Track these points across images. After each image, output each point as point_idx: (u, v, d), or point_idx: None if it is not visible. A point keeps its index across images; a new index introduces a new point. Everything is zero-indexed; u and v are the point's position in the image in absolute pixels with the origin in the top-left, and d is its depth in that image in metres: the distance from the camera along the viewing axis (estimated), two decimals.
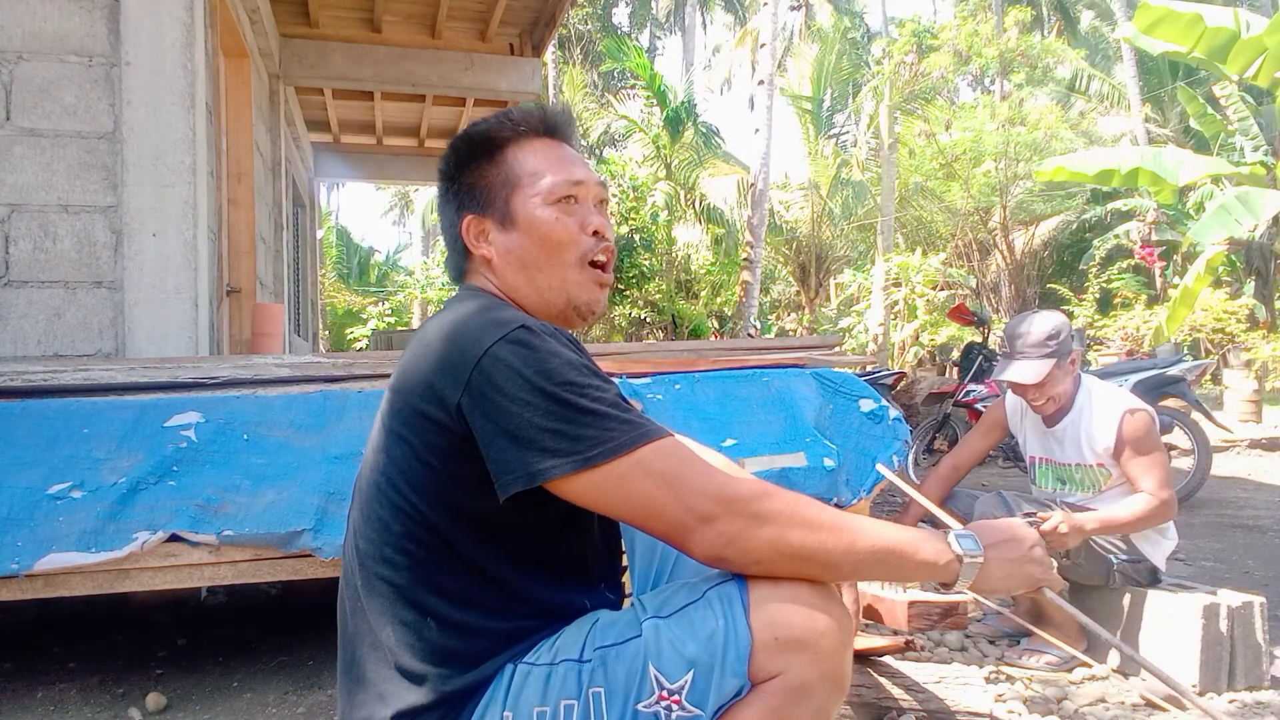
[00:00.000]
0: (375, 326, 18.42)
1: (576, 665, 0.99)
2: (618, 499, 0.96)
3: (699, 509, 0.95)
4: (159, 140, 3.19)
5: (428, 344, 1.02)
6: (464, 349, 0.98)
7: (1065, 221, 16.33)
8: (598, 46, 22.27)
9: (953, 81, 15.96)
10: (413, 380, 1.01)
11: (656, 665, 0.97)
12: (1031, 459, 2.64)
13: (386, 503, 1.04)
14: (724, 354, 3.04)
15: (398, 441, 1.03)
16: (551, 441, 0.94)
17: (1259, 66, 6.13)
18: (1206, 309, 10.69)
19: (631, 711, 0.97)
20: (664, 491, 0.95)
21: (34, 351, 3.12)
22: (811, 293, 18.29)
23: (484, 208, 1.13)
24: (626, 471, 0.95)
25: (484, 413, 0.95)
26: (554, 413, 0.94)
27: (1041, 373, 2.39)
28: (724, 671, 0.96)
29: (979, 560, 1.04)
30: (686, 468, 0.96)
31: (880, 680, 2.05)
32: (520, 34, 6.85)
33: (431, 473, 1.01)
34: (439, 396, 0.98)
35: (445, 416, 0.98)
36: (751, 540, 0.95)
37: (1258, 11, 12.53)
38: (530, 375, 0.95)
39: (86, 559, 2.01)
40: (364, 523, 1.07)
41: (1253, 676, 2.17)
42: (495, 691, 1.00)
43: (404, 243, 37.07)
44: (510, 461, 0.95)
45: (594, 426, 0.94)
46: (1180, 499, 4.78)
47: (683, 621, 0.99)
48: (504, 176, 1.13)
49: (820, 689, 0.97)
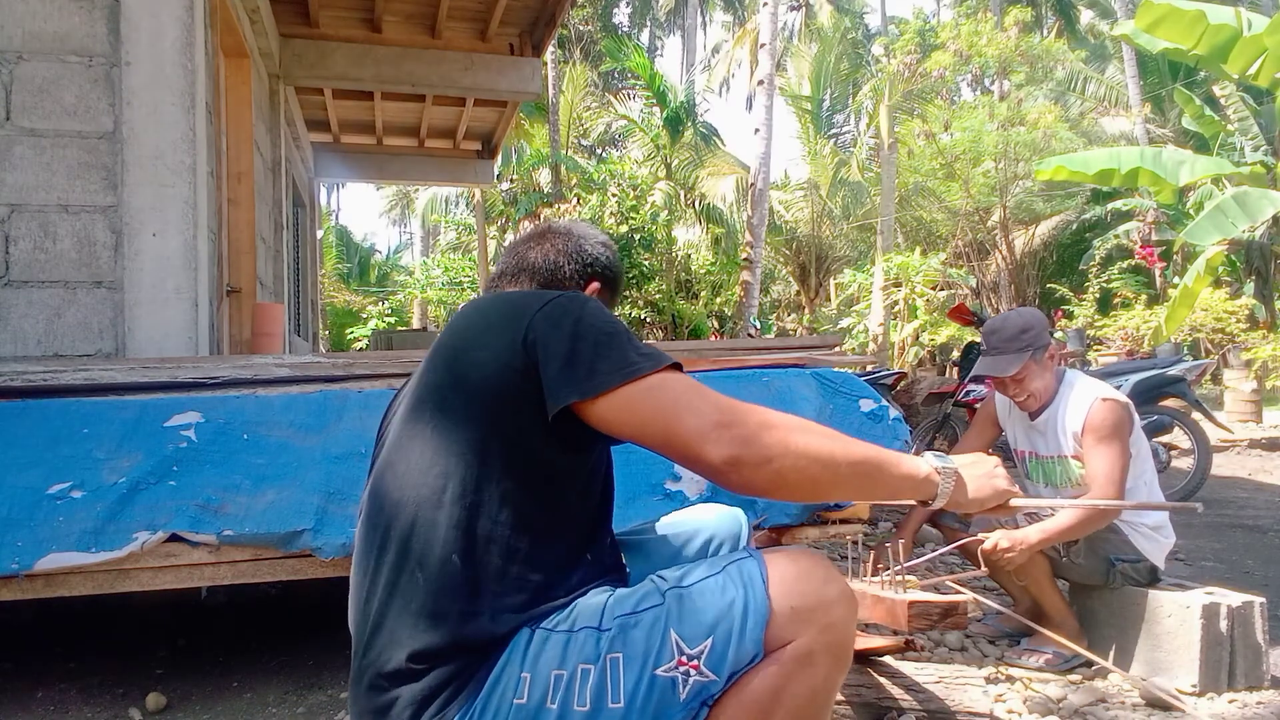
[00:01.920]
0: (375, 326, 18.42)
1: (595, 632, 1.05)
2: (646, 411, 1.07)
3: (715, 417, 1.05)
4: (159, 140, 3.19)
5: (487, 309, 1.20)
6: (535, 296, 1.17)
7: (1065, 221, 16.34)
8: (598, 46, 22.27)
9: (953, 81, 15.94)
10: (475, 331, 1.17)
11: (678, 631, 1.04)
12: (1019, 454, 2.67)
13: (443, 435, 1.12)
14: (724, 354, 3.04)
15: (452, 388, 1.14)
16: (600, 364, 1.08)
17: (1259, 66, 6.12)
18: (1206, 309, 10.69)
19: (650, 676, 1.03)
20: (685, 402, 1.06)
21: (34, 351, 3.12)
22: (811, 293, 18.30)
23: (604, 294, 1.43)
24: (655, 384, 1.07)
25: (544, 344, 1.10)
26: (601, 343, 1.10)
27: (1016, 366, 2.45)
28: (742, 639, 1.03)
29: (952, 471, 1.17)
30: (701, 387, 1.10)
31: (880, 680, 2.05)
32: (520, 34, 6.85)
33: (489, 404, 1.11)
34: (509, 338, 1.12)
35: (509, 354, 1.11)
36: (762, 440, 1.05)
37: (1258, 11, 12.51)
38: (583, 316, 1.12)
39: (86, 559, 2.01)
40: (410, 458, 1.14)
41: (1253, 676, 2.17)
42: (513, 654, 1.05)
43: (404, 242, 37.11)
44: (565, 378, 1.08)
45: (631, 353, 1.09)
46: (1180, 499, 4.81)
47: (704, 591, 1.07)
48: (612, 301, 1.47)
49: (824, 660, 1.05)
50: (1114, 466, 2.29)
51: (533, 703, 1.02)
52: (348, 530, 2.15)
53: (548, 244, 1.41)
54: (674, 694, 1.03)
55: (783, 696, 1.04)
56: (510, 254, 1.44)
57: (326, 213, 28.22)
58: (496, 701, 1.03)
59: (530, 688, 1.03)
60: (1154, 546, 2.38)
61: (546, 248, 1.41)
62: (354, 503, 2.22)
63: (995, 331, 2.54)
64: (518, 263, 1.41)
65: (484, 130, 9.03)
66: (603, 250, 1.45)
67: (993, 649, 2.53)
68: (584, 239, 1.43)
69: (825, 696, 1.08)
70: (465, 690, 1.04)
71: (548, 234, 1.44)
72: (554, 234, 1.44)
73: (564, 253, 1.40)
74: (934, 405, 6.64)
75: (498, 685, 1.03)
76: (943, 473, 1.17)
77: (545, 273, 1.39)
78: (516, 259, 1.42)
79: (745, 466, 1.04)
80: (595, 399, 1.07)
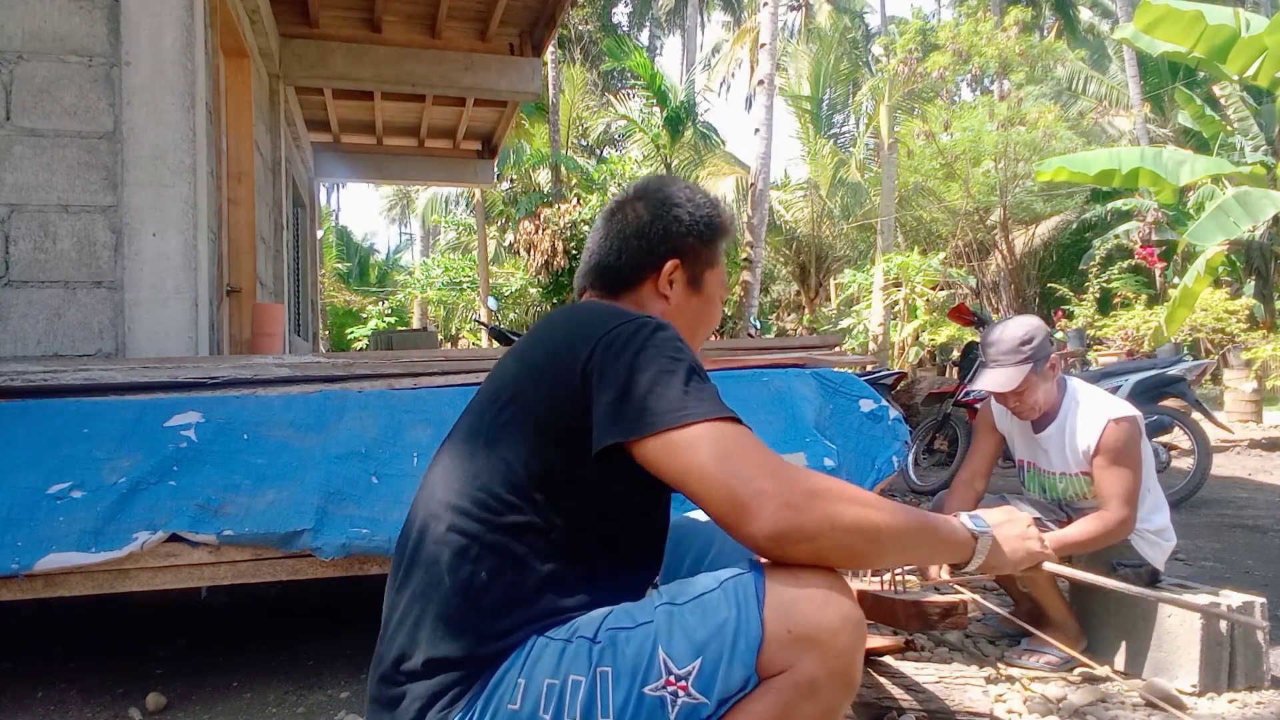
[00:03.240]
0: (375, 326, 18.43)
1: (589, 644, 1.03)
2: (688, 462, 1.01)
3: (759, 484, 0.99)
4: (159, 140, 3.19)
5: (555, 327, 1.19)
6: (597, 324, 1.13)
7: (1065, 221, 16.33)
8: (598, 46, 22.26)
9: (953, 81, 15.94)
10: (541, 354, 1.16)
11: (666, 649, 1.00)
12: (1019, 462, 2.61)
13: (490, 458, 1.11)
14: (724, 354, 3.04)
15: (515, 404, 1.13)
16: (653, 402, 1.04)
17: (1259, 66, 6.12)
18: (1206, 309, 10.68)
19: (638, 694, 0.99)
20: (730, 465, 1.00)
21: (34, 351, 3.12)
22: (811, 293, 18.29)
23: (688, 264, 1.33)
24: (703, 435, 1.02)
25: (600, 374, 1.07)
26: (659, 380, 1.05)
27: (1016, 379, 2.33)
28: (732, 661, 0.98)
29: (989, 535, 1.17)
30: (757, 445, 1.04)
31: (880, 680, 2.05)
32: (520, 34, 6.85)
33: (542, 429, 1.10)
34: (568, 363, 1.10)
35: (569, 377, 1.09)
36: (808, 514, 0.99)
37: (1258, 11, 12.52)
38: (645, 348, 1.08)
39: (86, 559, 2.01)
40: (456, 477, 1.13)
41: (1253, 676, 2.17)
42: (517, 659, 1.04)
43: (404, 242, 37.11)
44: (614, 415, 1.05)
45: (690, 397, 1.05)
46: (1180, 499, 4.80)
47: (696, 609, 1.02)
48: (711, 257, 1.36)
49: (829, 687, 0.99)
50: (1128, 487, 2.25)
51: (526, 710, 1.01)
52: (347, 530, 2.15)
53: (614, 234, 1.32)
54: (663, 714, 0.99)
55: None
56: (590, 242, 1.37)
57: (326, 213, 28.21)
58: (495, 705, 1.02)
59: (524, 695, 1.01)
60: (1156, 551, 2.38)
61: (614, 239, 1.32)
62: (354, 503, 2.22)
63: (994, 343, 2.42)
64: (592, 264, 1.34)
65: (484, 130, 9.03)
66: (679, 215, 1.32)
67: (993, 649, 2.52)
68: (658, 211, 1.32)
69: None
70: (470, 692, 1.04)
71: (613, 218, 1.35)
72: (620, 215, 1.34)
73: (627, 245, 1.31)
74: (934, 405, 6.65)
75: (497, 689, 1.03)
76: (980, 536, 1.17)
77: (611, 275, 1.32)
78: (589, 257, 1.35)
79: (787, 543, 1.00)
80: (641, 440, 1.04)
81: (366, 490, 2.25)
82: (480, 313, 18.46)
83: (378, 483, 2.27)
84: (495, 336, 6.48)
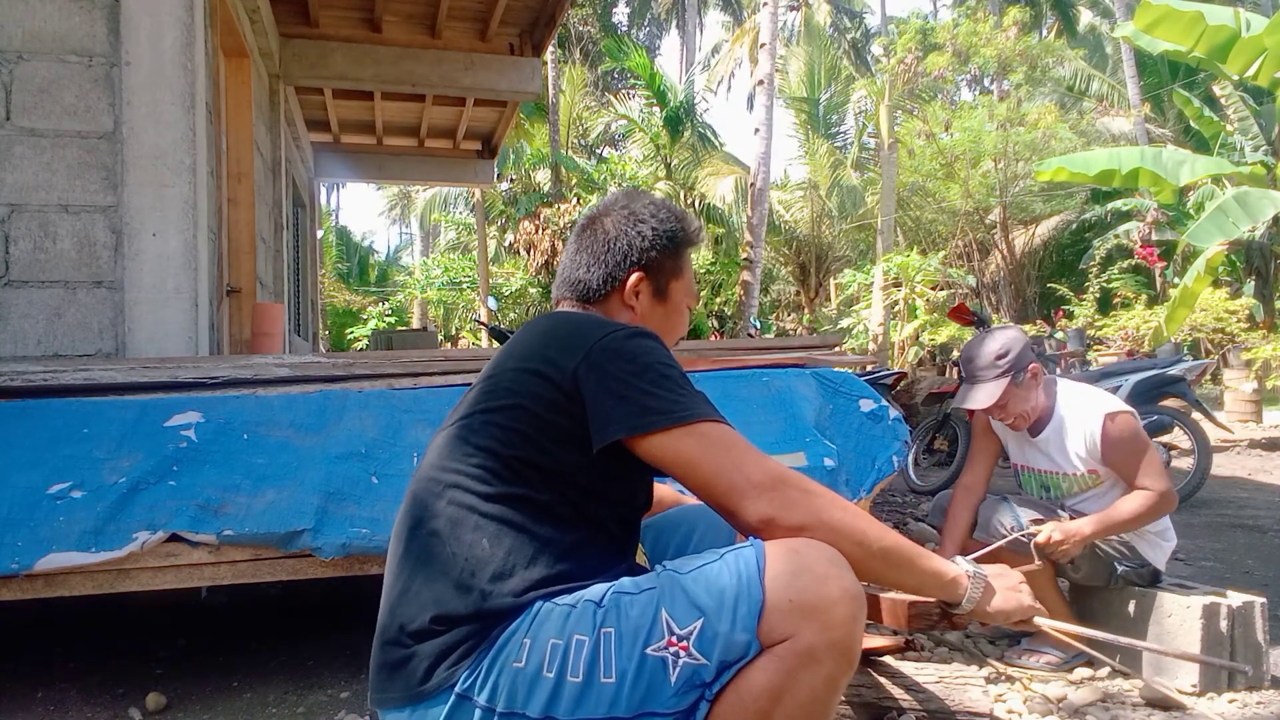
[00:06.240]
0: (375, 326, 18.42)
1: (594, 606, 1.08)
2: (693, 456, 1.12)
3: (757, 476, 1.11)
4: (159, 140, 3.19)
5: (543, 330, 1.27)
6: (587, 332, 1.21)
7: (1065, 221, 16.34)
8: (598, 46, 22.26)
9: (952, 81, 15.95)
10: (529, 352, 1.23)
11: (669, 611, 1.05)
12: (1016, 466, 2.60)
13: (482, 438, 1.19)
14: (724, 354, 3.04)
15: (506, 394, 1.21)
16: (653, 402, 1.14)
17: (1259, 66, 6.12)
18: (1206, 309, 10.68)
19: (640, 654, 1.04)
20: (731, 458, 1.12)
21: (34, 351, 3.12)
22: (811, 293, 18.29)
23: (652, 276, 1.40)
24: (705, 433, 1.13)
25: (596, 378, 1.16)
26: (656, 383, 1.15)
27: (995, 394, 2.32)
28: (734, 625, 1.02)
29: (982, 579, 1.21)
30: (748, 445, 1.15)
31: (880, 680, 2.05)
32: (520, 34, 6.84)
33: (531, 419, 1.17)
34: (557, 363, 1.18)
35: (559, 377, 1.17)
36: (799, 505, 1.10)
37: (1258, 11, 12.52)
38: (640, 355, 1.18)
39: (86, 559, 2.01)
40: (451, 455, 1.20)
41: (1253, 677, 2.17)
42: (523, 621, 1.09)
43: (404, 242, 37.10)
44: (615, 415, 1.13)
45: (684, 398, 1.16)
46: (1180, 499, 4.77)
47: (699, 577, 1.08)
48: (675, 268, 1.43)
49: (829, 657, 1.03)
50: (1154, 465, 2.28)
51: (530, 668, 1.05)
52: (347, 530, 2.15)
53: (584, 248, 1.40)
54: (664, 675, 1.03)
55: (783, 695, 1.02)
56: (564, 255, 1.46)
57: (326, 213, 28.21)
58: (501, 663, 1.06)
59: (529, 653, 1.05)
60: (1157, 551, 2.38)
61: (584, 253, 1.40)
62: (354, 503, 2.22)
63: (970, 360, 2.41)
64: (565, 276, 1.42)
65: (484, 130, 9.03)
66: (642, 230, 1.39)
67: (993, 649, 2.52)
68: (623, 227, 1.39)
69: (828, 697, 1.05)
70: (478, 650, 1.08)
71: (584, 233, 1.43)
72: (589, 231, 1.42)
73: (595, 259, 1.39)
74: (934, 405, 6.65)
75: (504, 648, 1.07)
76: (973, 578, 1.21)
77: (581, 287, 1.39)
78: (562, 270, 1.43)
79: (778, 528, 1.09)
80: (644, 436, 1.13)
81: (366, 490, 2.25)
82: (480, 313, 18.46)
83: (378, 483, 2.27)
84: (495, 336, 6.48)
